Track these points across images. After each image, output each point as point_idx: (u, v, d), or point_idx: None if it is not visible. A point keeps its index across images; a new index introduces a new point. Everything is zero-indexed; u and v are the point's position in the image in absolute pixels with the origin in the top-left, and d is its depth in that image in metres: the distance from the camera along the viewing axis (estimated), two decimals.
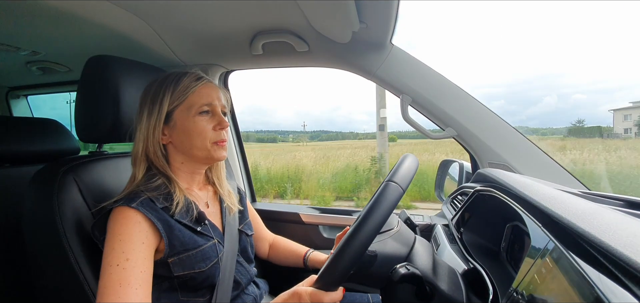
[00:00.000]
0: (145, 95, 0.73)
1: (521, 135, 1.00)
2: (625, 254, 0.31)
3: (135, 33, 0.98)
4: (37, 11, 0.84)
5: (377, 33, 0.97)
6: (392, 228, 0.70)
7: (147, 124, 0.70)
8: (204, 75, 0.76)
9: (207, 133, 0.72)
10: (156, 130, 0.70)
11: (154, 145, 0.71)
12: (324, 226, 1.31)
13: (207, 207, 0.79)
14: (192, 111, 0.71)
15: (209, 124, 0.72)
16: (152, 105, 0.71)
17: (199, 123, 0.71)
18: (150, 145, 0.70)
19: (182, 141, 0.72)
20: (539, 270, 0.44)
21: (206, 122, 0.72)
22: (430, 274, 0.61)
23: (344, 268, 0.56)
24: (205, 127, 0.72)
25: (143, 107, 0.72)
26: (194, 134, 0.71)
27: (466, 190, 0.94)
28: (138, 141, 0.71)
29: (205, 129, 0.72)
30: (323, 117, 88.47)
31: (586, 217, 0.41)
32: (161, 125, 0.71)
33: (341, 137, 19.67)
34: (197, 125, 0.71)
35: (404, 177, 0.58)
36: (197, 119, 0.71)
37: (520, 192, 0.60)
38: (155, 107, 0.70)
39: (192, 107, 0.71)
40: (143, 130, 0.71)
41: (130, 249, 0.59)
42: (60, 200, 0.68)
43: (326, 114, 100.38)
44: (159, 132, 0.71)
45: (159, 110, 0.70)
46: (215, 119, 0.73)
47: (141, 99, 0.74)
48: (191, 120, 0.71)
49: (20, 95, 1.88)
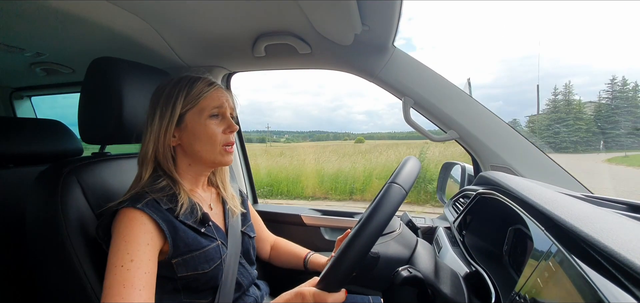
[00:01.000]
0: (158, 96, 0.73)
1: (524, 138, 1.00)
2: (628, 258, 0.31)
3: (139, 35, 0.98)
4: (42, 13, 0.84)
5: (379, 36, 0.97)
6: (394, 231, 0.70)
7: (159, 126, 0.71)
8: (215, 81, 0.77)
9: (217, 136, 0.73)
10: (168, 132, 0.71)
11: (164, 147, 0.71)
12: (325, 228, 1.31)
13: (211, 209, 0.79)
14: (204, 115, 0.72)
15: (219, 127, 0.74)
16: (165, 107, 0.71)
17: (209, 126, 0.72)
18: (161, 147, 0.71)
19: (192, 143, 0.72)
20: (541, 274, 0.44)
21: (216, 126, 0.73)
22: (432, 277, 0.61)
23: (346, 269, 0.56)
24: (215, 130, 0.73)
25: (155, 108, 0.72)
26: (204, 137, 0.72)
27: (468, 193, 0.94)
28: (148, 142, 0.71)
29: (215, 132, 0.73)
30: (322, 117, 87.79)
31: (589, 221, 0.41)
32: (173, 128, 0.71)
33: (333, 137, 19.69)
34: (207, 128, 0.72)
35: (406, 179, 0.58)
36: (207, 123, 0.72)
37: (522, 195, 0.60)
38: (169, 109, 0.71)
39: (203, 111, 0.72)
40: (154, 131, 0.71)
41: (135, 250, 0.60)
42: (64, 201, 0.68)
43: (325, 114, 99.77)
44: (170, 134, 0.71)
45: (172, 112, 0.71)
46: (225, 122, 0.75)
47: (153, 100, 0.74)
48: (202, 124, 0.72)
49: (24, 96, 1.89)
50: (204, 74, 0.77)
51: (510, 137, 1.00)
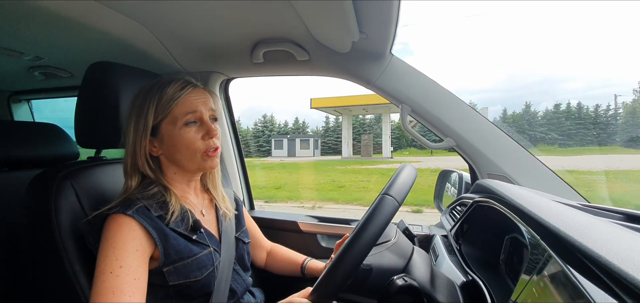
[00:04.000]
0: (132, 106, 0.71)
1: (520, 147, 1.00)
2: (622, 269, 0.31)
3: (138, 40, 0.99)
4: (42, 17, 0.85)
5: (376, 43, 0.98)
6: (389, 240, 0.69)
7: (134, 138, 0.68)
8: (191, 81, 0.72)
9: (196, 144, 0.68)
10: (142, 144, 0.68)
11: (141, 159, 0.69)
12: (322, 235, 1.30)
13: (203, 215, 0.78)
14: (178, 123, 0.68)
15: (197, 134, 0.69)
16: (137, 119, 0.68)
17: (185, 135, 0.68)
18: (139, 159, 0.69)
19: (172, 153, 0.70)
20: (537, 283, 0.44)
21: (194, 133, 0.69)
22: (428, 286, 0.61)
23: (338, 281, 0.55)
24: (192, 137, 0.68)
25: (130, 120, 0.70)
26: (181, 147, 0.68)
27: (465, 201, 0.94)
28: (126, 154, 0.70)
29: (193, 140, 0.68)
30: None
31: (584, 231, 0.41)
32: (147, 139, 0.68)
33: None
34: (183, 137, 0.68)
35: (399, 190, 0.58)
36: (183, 131, 0.68)
37: (518, 203, 0.60)
38: (141, 121, 0.68)
39: (177, 119, 0.68)
40: (130, 143, 0.69)
41: (124, 256, 0.59)
42: (57, 206, 0.67)
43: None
44: (145, 146, 0.69)
45: (145, 124, 0.68)
46: (203, 127, 0.70)
47: (129, 109, 0.72)
48: (178, 133, 0.68)
49: (22, 100, 1.89)
50: (182, 76, 0.73)
51: (507, 145, 1.00)
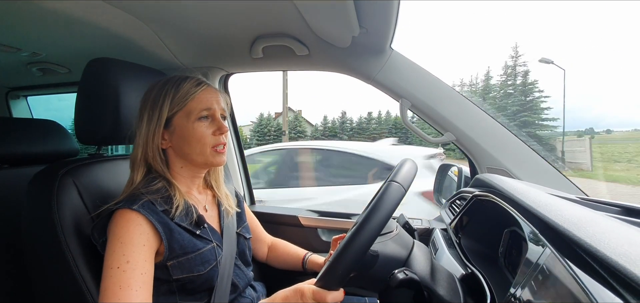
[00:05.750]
0: (146, 99, 0.73)
1: (520, 141, 1.00)
2: (620, 263, 0.31)
3: (136, 35, 0.98)
4: (39, 13, 0.84)
5: (376, 38, 0.97)
6: (392, 231, 0.70)
7: (147, 129, 0.70)
8: (204, 80, 0.76)
9: (206, 138, 0.72)
10: (156, 136, 0.70)
11: (153, 151, 0.71)
12: (322, 229, 1.31)
13: (206, 210, 0.79)
14: (192, 117, 0.71)
15: (208, 129, 0.73)
16: (152, 111, 0.71)
17: (198, 129, 0.71)
18: (150, 151, 0.71)
19: (181, 146, 0.72)
20: (535, 276, 0.45)
21: (205, 128, 0.72)
22: (428, 279, 0.61)
23: (346, 266, 0.56)
24: (204, 132, 0.72)
25: (143, 112, 0.72)
26: (193, 139, 0.71)
27: (464, 195, 0.95)
28: (137, 146, 0.71)
29: (205, 134, 0.72)
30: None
31: (582, 225, 0.41)
32: (161, 131, 0.71)
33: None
34: (196, 131, 0.71)
35: (405, 178, 0.59)
36: (196, 125, 0.71)
37: (517, 197, 0.60)
38: (155, 112, 0.70)
39: (191, 113, 0.71)
40: (143, 135, 0.71)
41: (131, 251, 0.60)
42: (59, 202, 0.68)
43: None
44: (158, 138, 0.71)
45: (159, 115, 0.70)
46: (214, 123, 0.74)
47: (141, 103, 0.74)
48: (190, 126, 0.71)
49: (20, 96, 1.88)
50: (194, 74, 0.76)
51: (506, 139, 1.01)
